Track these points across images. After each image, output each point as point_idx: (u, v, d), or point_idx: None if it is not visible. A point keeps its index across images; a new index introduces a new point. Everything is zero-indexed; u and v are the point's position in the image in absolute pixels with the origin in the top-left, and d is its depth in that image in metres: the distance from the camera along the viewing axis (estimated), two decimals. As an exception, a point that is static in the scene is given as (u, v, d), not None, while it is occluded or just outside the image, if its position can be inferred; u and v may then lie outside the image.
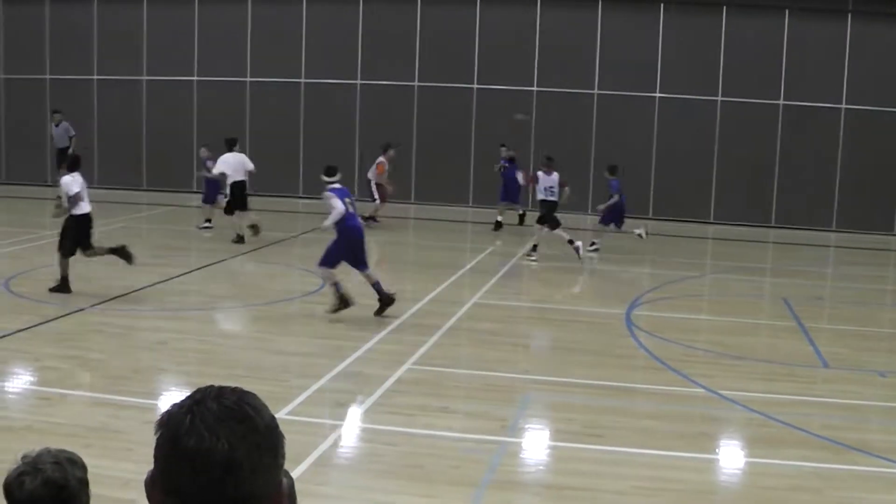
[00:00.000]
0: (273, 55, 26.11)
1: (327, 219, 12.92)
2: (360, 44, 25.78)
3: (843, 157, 24.32)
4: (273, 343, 11.74)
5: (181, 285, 15.02)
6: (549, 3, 25.06)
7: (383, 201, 22.11)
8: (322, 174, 13.75)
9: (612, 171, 19.02)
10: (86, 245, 13.65)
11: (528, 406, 9.76)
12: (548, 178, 18.65)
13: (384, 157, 22.18)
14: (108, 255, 13.86)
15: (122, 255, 13.89)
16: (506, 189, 22.52)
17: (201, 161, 20.94)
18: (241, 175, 19.15)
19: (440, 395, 9.79)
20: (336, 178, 13.53)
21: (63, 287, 13.59)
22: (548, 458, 8.52)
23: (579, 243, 17.99)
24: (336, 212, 12.69)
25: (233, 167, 19.05)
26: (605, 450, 8.33)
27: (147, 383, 10.18)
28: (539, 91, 25.31)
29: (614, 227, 19.09)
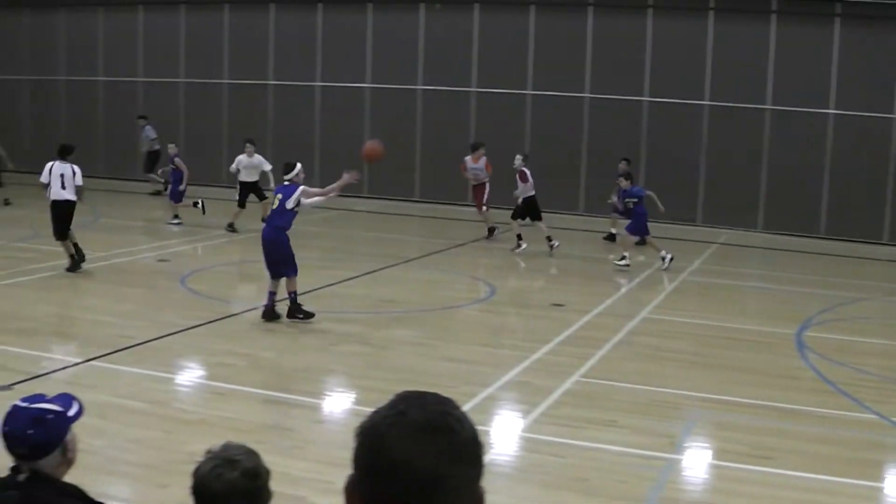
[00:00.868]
0: (390, 61, 26.48)
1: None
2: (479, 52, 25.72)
3: None
4: (440, 349, 11.74)
5: (349, 288, 15.20)
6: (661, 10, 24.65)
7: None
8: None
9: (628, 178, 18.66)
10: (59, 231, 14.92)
11: (695, 423, 9.46)
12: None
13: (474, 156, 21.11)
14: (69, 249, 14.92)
15: (72, 262, 14.94)
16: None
17: (168, 157, 21.95)
18: (252, 176, 20.47)
19: (607, 409, 9.59)
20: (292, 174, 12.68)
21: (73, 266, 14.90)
22: (715, 477, 8.23)
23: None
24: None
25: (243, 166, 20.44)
26: (774, 472, 7.99)
27: (316, 384, 10.32)
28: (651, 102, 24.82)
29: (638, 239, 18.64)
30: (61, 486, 3.57)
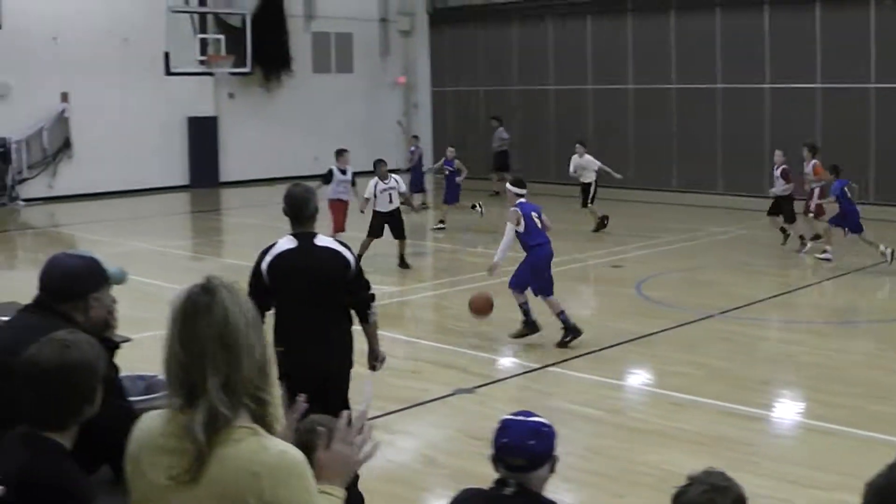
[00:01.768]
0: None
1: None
2: None
3: None
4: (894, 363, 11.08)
5: (800, 297, 14.71)
6: None
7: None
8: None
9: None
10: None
11: None
12: None
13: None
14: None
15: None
16: None
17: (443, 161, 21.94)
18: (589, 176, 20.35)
19: None
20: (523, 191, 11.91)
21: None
22: None
23: None
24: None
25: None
26: None
27: (772, 396, 10.12)
28: None
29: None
30: (546, 502, 3.81)
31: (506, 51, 31.39)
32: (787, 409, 9.86)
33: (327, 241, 6.83)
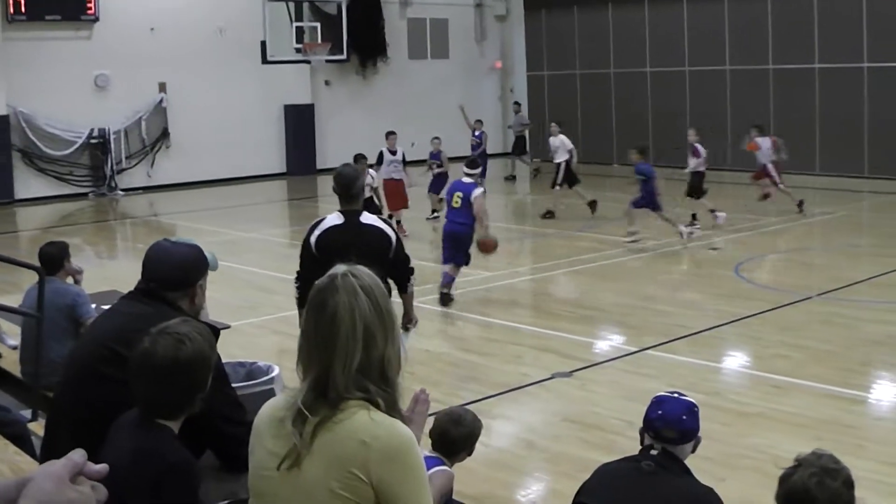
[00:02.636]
0: None
1: None
2: None
3: None
4: None
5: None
6: None
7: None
8: None
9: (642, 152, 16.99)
10: None
11: None
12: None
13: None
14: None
15: None
16: None
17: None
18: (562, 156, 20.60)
19: None
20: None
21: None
22: None
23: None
24: None
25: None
26: None
27: (875, 378, 9.95)
28: None
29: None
30: (686, 469, 4.09)
31: (602, 34, 31.18)
32: (890, 390, 9.69)
33: (372, 218, 7.33)
